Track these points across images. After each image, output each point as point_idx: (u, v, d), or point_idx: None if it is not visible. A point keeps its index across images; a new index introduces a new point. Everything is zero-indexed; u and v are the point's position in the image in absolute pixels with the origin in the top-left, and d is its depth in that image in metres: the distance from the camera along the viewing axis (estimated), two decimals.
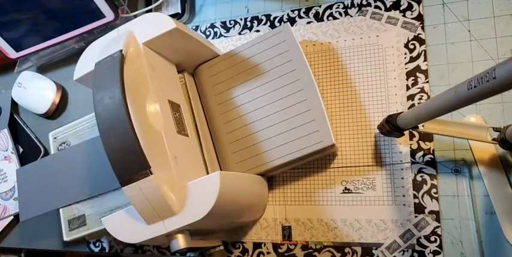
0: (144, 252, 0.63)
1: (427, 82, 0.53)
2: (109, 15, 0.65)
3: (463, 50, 0.53)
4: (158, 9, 0.70)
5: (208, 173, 0.52)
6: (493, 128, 0.46)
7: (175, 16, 0.68)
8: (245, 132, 0.54)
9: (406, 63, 0.54)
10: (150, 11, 0.69)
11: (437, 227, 0.49)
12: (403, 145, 0.52)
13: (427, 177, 0.51)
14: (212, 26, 0.67)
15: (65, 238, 0.60)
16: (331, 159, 0.55)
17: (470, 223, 0.48)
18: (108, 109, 0.42)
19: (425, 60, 0.54)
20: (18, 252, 0.94)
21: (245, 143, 0.54)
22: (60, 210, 0.61)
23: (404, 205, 0.51)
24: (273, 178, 0.57)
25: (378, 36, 0.56)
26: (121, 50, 0.46)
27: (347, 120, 0.55)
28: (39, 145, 0.72)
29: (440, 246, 0.49)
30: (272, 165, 0.52)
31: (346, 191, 0.54)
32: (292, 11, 0.62)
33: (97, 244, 0.65)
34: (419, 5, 0.55)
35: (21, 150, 0.74)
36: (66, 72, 0.75)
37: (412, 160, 0.52)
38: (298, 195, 0.56)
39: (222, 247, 0.53)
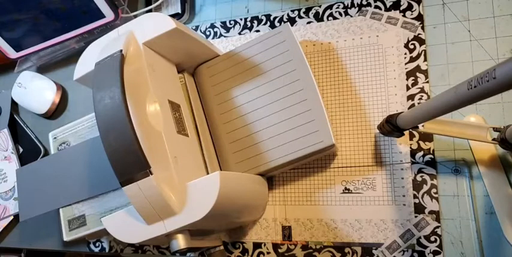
0: (144, 252, 0.63)
1: (427, 82, 0.53)
2: (109, 15, 0.65)
3: (463, 50, 0.53)
4: (158, 9, 0.70)
5: (208, 173, 0.52)
6: (493, 128, 0.46)
7: (175, 16, 0.68)
8: (245, 132, 0.54)
9: (406, 63, 0.54)
10: (150, 11, 0.69)
11: (437, 227, 0.49)
12: (403, 145, 0.52)
13: (427, 177, 0.51)
14: (212, 26, 0.67)
15: (65, 238, 0.60)
16: (331, 159, 0.55)
17: (470, 223, 0.48)
18: (108, 109, 0.42)
19: (425, 60, 0.54)
20: (18, 252, 0.94)
21: (245, 143, 0.54)
22: (60, 210, 0.61)
23: (404, 205, 0.51)
24: (273, 178, 0.57)
25: (378, 36, 0.56)
26: (121, 50, 0.46)
27: (347, 120, 0.55)
28: (39, 145, 0.72)
29: (440, 246, 0.49)
30: (272, 165, 0.52)
31: (346, 191, 0.54)
32: (292, 11, 0.62)
33: (97, 244, 0.65)
34: (419, 5, 0.55)
35: (21, 150, 0.74)
36: (66, 72, 0.75)
37: (412, 160, 0.52)
38: (298, 195, 0.56)
39: (222, 247, 0.53)
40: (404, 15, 0.56)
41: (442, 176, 0.50)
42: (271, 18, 0.63)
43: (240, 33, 0.65)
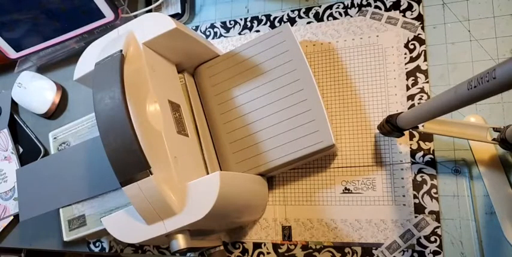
0: (144, 252, 0.63)
1: (427, 82, 0.53)
2: (109, 15, 0.65)
3: (463, 50, 0.53)
4: (158, 9, 0.70)
5: (208, 173, 0.52)
6: (493, 128, 0.46)
7: (175, 16, 0.68)
8: (245, 132, 0.54)
9: (406, 64, 0.54)
10: (150, 11, 0.69)
11: (437, 227, 0.49)
12: (403, 145, 0.52)
13: (427, 177, 0.51)
14: (212, 26, 0.67)
15: (65, 238, 0.60)
16: (331, 159, 0.55)
17: (470, 223, 0.48)
18: (108, 109, 0.42)
19: (425, 60, 0.54)
20: (18, 252, 0.94)
21: (245, 143, 0.54)
22: (60, 210, 0.61)
23: (404, 205, 0.51)
24: (273, 178, 0.57)
25: (378, 36, 0.56)
26: (121, 50, 0.46)
27: (347, 120, 0.55)
28: (39, 145, 0.72)
29: (440, 246, 0.49)
30: (272, 165, 0.52)
31: (346, 191, 0.54)
32: (292, 11, 0.62)
33: (97, 244, 0.65)
34: (419, 5, 0.55)
35: (21, 150, 0.74)
36: (66, 72, 0.75)
37: (412, 160, 0.52)
38: (298, 195, 0.56)
39: (222, 247, 0.53)
40: (404, 15, 0.56)
41: (442, 176, 0.50)
42: (271, 18, 0.63)
43: (240, 33, 0.65)
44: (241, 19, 0.65)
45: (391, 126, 0.47)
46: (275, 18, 0.63)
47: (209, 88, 0.57)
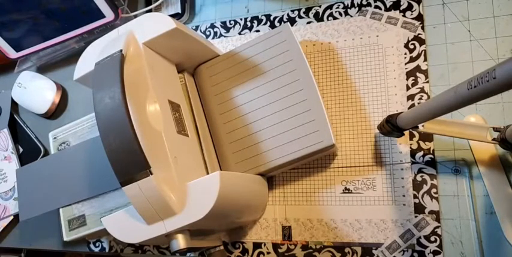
0: (144, 252, 0.63)
1: (427, 82, 0.53)
2: (109, 15, 0.65)
3: (463, 50, 0.53)
4: (158, 9, 0.70)
5: (208, 173, 0.52)
6: (493, 128, 0.46)
7: (175, 16, 0.68)
8: (245, 132, 0.54)
9: (406, 63, 0.54)
10: (150, 11, 0.69)
11: (437, 227, 0.49)
12: (403, 145, 0.52)
13: (427, 177, 0.51)
14: (212, 26, 0.67)
15: (65, 238, 0.60)
16: (331, 159, 0.55)
17: (470, 223, 0.48)
18: (108, 109, 0.42)
19: (425, 60, 0.54)
20: (18, 252, 0.94)
21: (245, 143, 0.54)
22: (60, 210, 0.61)
23: (404, 205, 0.51)
24: (273, 178, 0.57)
25: (378, 36, 0.56)
26: (121, 50, 0.46)
27: (347, 120, 0.55)
28: (39, 145, 0.72)
29: (440, 246, 0.49)
30: (272, 165, 0.52)
31: (346, 191, 0.54)
32: (292, 11, 0.62)
33: (97, 244, 0.65)
34: (419, 5, 0.55)
35: (21, 150, 0.74)
36: (66, 72, 0.75)
37: (412, 160, 0.52)
38: (298, 195, 0.56)
39: (222, 247, 0.53)
40: (404, 15, 0.56)
41: (442, 176, 0.50)
42: (271, 18, 0.63)
43: (240, 33, 0.65)
44: (241, 19, 0.65)
45: (391, 126, 0.47)
46: (275, 18, 0.63)
47: (209, 88, 0.57)
